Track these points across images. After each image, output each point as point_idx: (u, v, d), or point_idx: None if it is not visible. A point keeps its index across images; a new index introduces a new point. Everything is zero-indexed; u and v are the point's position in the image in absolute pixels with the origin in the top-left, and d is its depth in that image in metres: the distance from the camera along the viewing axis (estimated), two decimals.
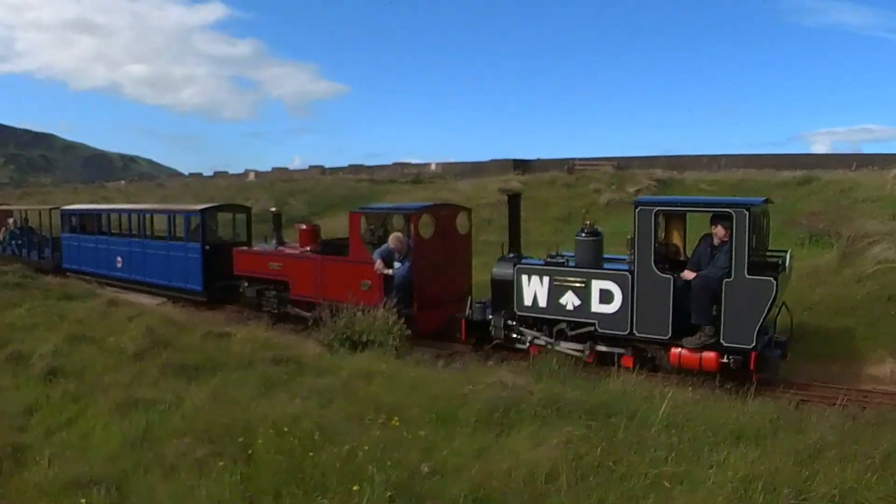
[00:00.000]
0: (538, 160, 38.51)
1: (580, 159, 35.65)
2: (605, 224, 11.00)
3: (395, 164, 45.70)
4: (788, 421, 5.91)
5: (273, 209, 14.72)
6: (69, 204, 22.52)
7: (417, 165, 44.20)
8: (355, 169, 45.90)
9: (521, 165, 37.23)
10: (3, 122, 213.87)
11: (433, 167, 42.53)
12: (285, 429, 5.38)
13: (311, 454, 4.97)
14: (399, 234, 11.14)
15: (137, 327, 10.02)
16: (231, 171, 55.46)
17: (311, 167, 50.28)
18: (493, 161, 39.07)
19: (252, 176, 49.96)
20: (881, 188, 19.40)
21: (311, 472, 4.78)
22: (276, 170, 52.00)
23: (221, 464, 5.08)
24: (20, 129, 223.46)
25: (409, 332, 9.70)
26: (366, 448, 4.98)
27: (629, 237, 8.90)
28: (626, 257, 9.03)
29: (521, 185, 25.60)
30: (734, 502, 4.27)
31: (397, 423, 5.69)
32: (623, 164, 32.94)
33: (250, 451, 5.22)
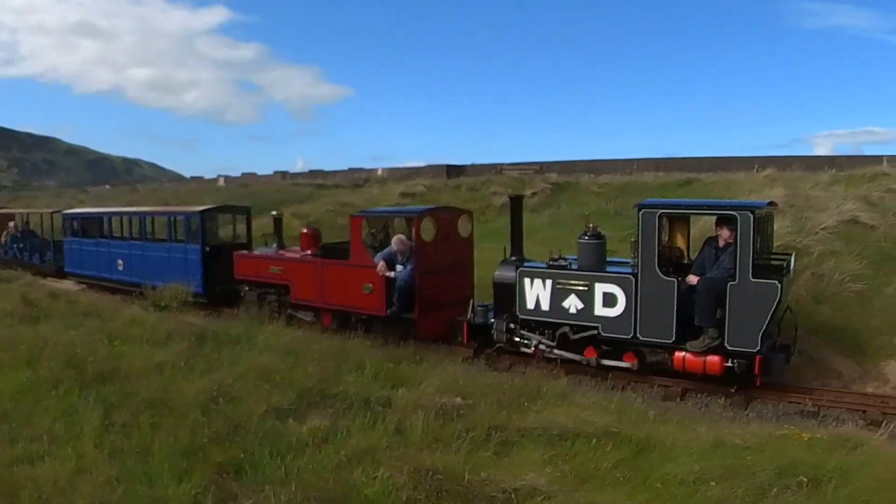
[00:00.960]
0: (472, 165, 41.63)
1: (508, 164, 39.18)
2: (498, 223, 12.28)
3: (349, 169, 49.54)
4: None
5: (274, 213, 14.62)
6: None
7: (367, 171, 47.45)
8: (314, 174, 49.43)
9: (454, 171, 40.06)
10: (6, 126, 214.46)
11: (380, 172, 45.72)
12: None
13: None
14: (402, 236, 11.07)
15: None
16: (214, 176, 59.24)
17: (275, 172, 53.96)
18: (429, 166, 41.99)
19: (222, 181, 53.20)
20: (754, 188, 20.60)
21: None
22: (245, 174, 55.72)
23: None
24: (23, 133, 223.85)
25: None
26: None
27: (632, 240, 8.83)
28: (630, 260, 8.98)
29: (424, 189, 30.24)
30: None
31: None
32: (545, 168, 36.25)
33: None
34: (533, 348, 9.50)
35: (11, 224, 23.94)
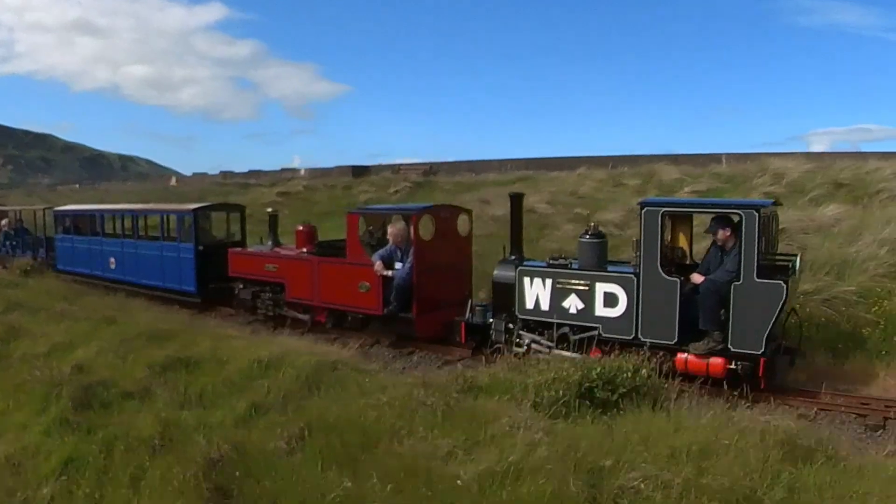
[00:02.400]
0: (377, 165, 44.27)
1: (404, 164, 41.88)
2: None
3: (281, 169, 52.27)
4: None
5: (269, 210, 14.43)
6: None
7: (292, 170, 50.58)
8: (252, 174, 52.31)
9: (359, 171, 42.23)
10: (3, 123, 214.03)
11: (302, 172, 48.50)
12: None
13: None
14: (398, 225, 10.83)
15: None
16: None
17: (220, 172, 57.08)
18: (338, 167, 44.87)
19: (174, 181, 56.58)
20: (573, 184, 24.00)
21: None
22: (195, 174, 60.39)
23: None
24: (20, 130, 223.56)
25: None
26: None
27: (634, 239, 8.64)
28: (631, 260, 8.80)
29: (301, 188, 33.76)
30: None
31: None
32: (435, 168, 39.19)
33: None
34: (525, 348, 9.32)
35: (4, 221, 23.72)
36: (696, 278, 8.07)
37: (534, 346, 9.25)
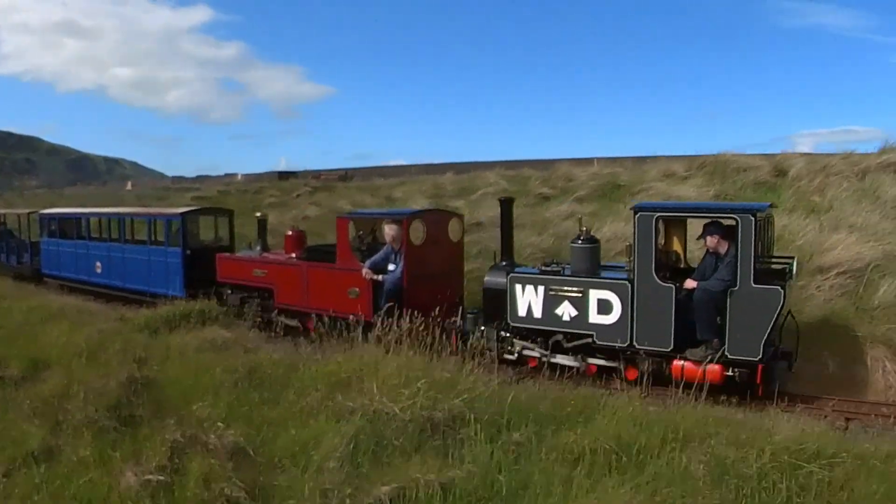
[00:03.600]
0: (303, 171, 48.76)
1: (325, 171, 47.30)
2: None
3: (225, 174, 58.03)
4: None
5: (258, 214, 14.23)
6: None
7: (231, 175, 55.78)
8: (201, 179, 58.46)
9: (285, 176, 46.24)
10: None
11: (239, 177, 53.15)
12: None
13: None
14: (395, 226, 10.63)
15: None
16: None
17: (172, 177, 64.70)
18: (267, 173, 50.30)
19: (129, 185, 60.57)
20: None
21: None
22: (151, 178, 68.29)
23: None
24: (4, 132, 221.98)
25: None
26: None
27: (627, 244, 8.53)
28: (625, 265, 8.69)
29: (216, 193, 36.86)
30: None
31: None
32: (350, 174, 43.60)
33: None
34: (516, 355, 9.20)
35: None
36: (690, 284, 7.96)
37: (526, 353, 9.14)
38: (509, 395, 6.52)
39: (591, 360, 8.76)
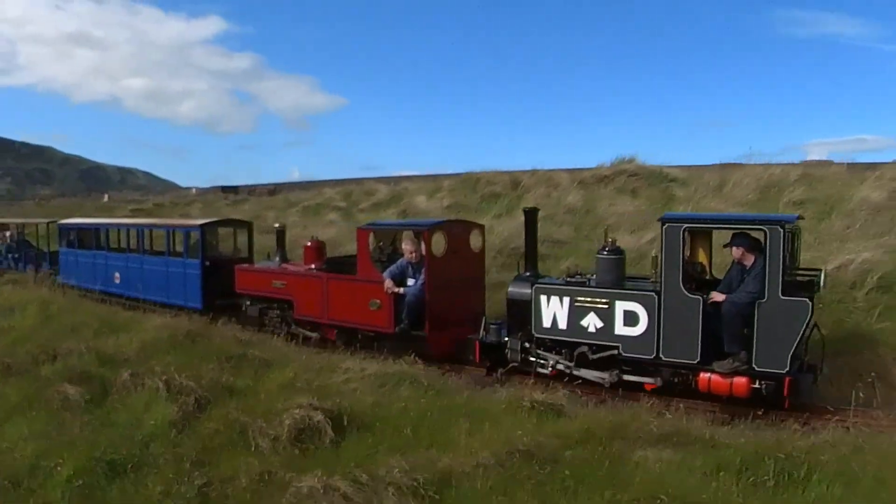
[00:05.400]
0: (245, 186, 51.77)
1: (259, 185, 50.58)
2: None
3: (187, 187, 63.42)
4: None
5: (276, 225, 14.23)
6: None
7: (187, 188, 62.12)
8: (174, 191, 67.56)
9: (229, 190, 49.73)
10: (3, 136, 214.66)
11: (193, 192, 57.03)
12: None
13: None
14: (412, 240, 10.61)
15: None
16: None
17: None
18: (213, 188, 54.67)
19: (106, 198, 61.87)
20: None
21: None
22: (129, 192, 73.31)
23: None
24: (19, 142, 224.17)
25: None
26: None
27: (653, 255, 8.47)
28: (650, 277, 8.64)
29: (153, 206, 41.12)
30: None
31: None
32: (279, 189, 45.72)
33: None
34: (551, 369, 9.12)
35: (8, 233, 23.61)
36: (717, 297, 7.90)
37: (556, 366, 9.06)
38: None
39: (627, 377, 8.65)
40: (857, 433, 6.52)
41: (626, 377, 8.58)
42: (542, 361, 9.18)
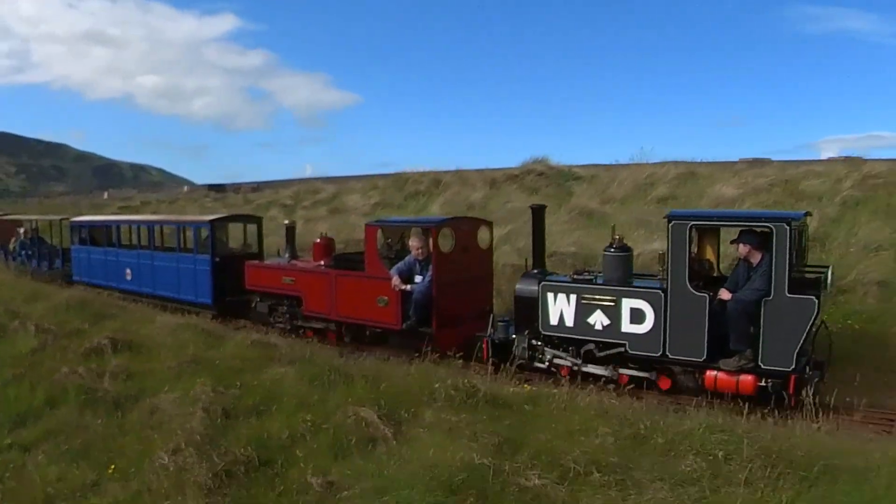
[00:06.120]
0: (231, 184, 53.01)
1: (245, 183, 51.47)
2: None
3: (198, 185, 67.58)
4: None
5: (286, 222, 14.29)
6: None
7: (179, 186, 70.49)
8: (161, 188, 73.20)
9: (216, 188, 51.01)
10: (17, 133, 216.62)
11: (185, 189, 60.06)
12: None
13: None
14: (420, 237, 10.63)
15: None
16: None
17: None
18: (202, 185, 58.16)
19: (106, 195, 64.39)
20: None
21: None
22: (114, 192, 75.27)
23: None
24: (33, 140, 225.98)
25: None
26: None
27: (660, 253, 8.47)
28: (657, 274, 8.64)
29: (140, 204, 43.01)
30: None
31: None
32: (262, 187, 46.85)
33: None
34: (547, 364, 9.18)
35: (21, 230, 23.80)
36: (725, 295, 7.89)
37: (557, 361, 9.10)
38: None
39: (623, 371, 8.71)
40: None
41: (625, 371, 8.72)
42: (539, 356, 9.30)
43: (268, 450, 6.41)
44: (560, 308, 8.89)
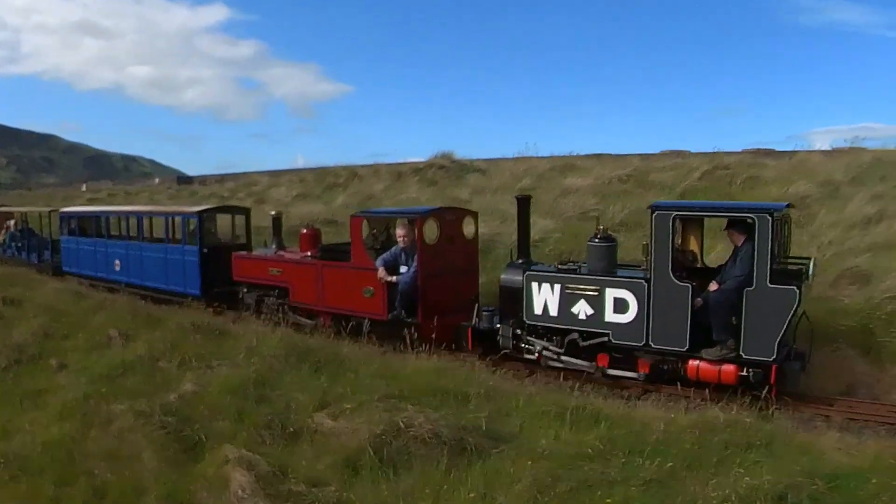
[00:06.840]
0: (199, 176, 53.01)
1: (210, 176, 50.85)
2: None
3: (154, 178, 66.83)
4: None
5: (273, 213, 14.26)
6: None
7: (150, 178, 67.86)
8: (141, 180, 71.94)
9: (185, 180, 52.31)
10: (7, 124, 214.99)
11: (157, 181, 59.13)
12: None
13: None
14: (406, 226, 10.64)
15: None
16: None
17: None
18: (168, 178, 57.96)
19: (84, 187, 63.07)
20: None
21: None
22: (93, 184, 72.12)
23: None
24: (24, 131, 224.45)
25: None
26: None
27: (644, 243, 8.51)
28: (641, 264, 8.68)
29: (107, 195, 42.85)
30: None
31: None
32: (226, 179, 45.77)
33: None
34: (536, 355, 9.21)
35: (11, 222, 23.71)
36: (714, 287, 7.96)
37: (543, 353, 9.15)
38: None
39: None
40: None
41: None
42: (529, 347, 9.28)
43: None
44: (544, 297, 8.92)
